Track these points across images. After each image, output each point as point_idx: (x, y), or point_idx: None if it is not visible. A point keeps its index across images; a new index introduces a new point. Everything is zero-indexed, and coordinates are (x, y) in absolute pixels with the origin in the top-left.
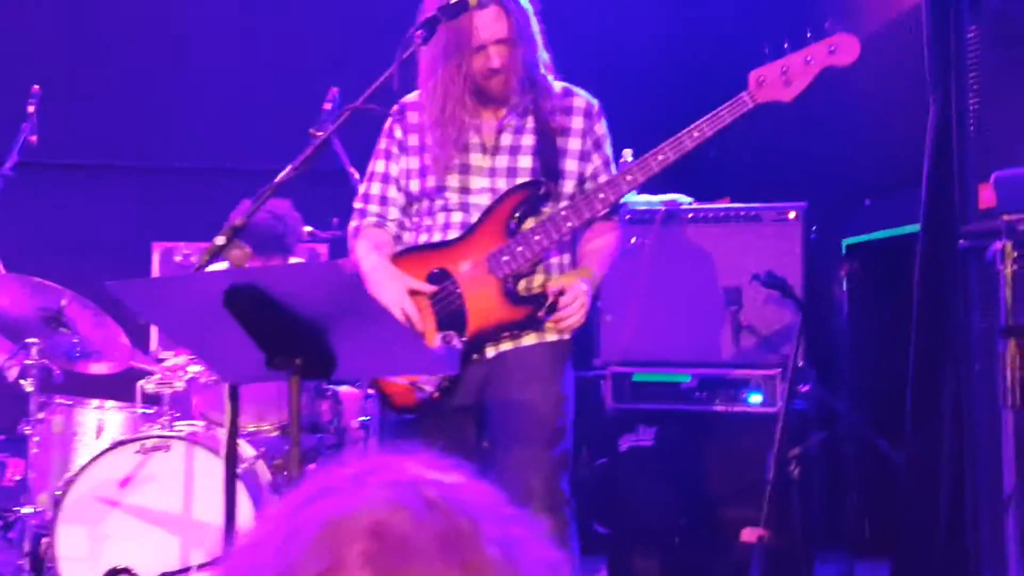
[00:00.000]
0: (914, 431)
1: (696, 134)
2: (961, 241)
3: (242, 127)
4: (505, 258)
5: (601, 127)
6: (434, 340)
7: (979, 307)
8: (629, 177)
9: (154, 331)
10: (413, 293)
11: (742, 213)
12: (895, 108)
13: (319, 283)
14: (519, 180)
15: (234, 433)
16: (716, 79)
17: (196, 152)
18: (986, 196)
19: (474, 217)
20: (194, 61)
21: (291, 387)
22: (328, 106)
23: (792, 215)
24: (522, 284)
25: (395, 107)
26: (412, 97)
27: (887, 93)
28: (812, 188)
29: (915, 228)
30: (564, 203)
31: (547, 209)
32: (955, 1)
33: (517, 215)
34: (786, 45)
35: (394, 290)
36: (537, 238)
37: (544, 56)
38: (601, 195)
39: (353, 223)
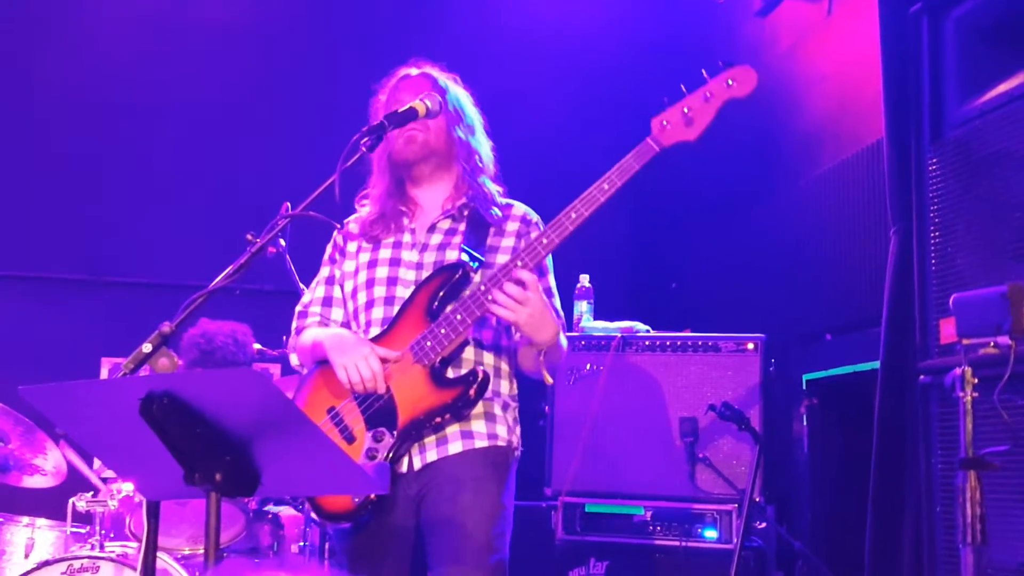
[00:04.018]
0: (874, 571)
1: (606, 186)
2: (922, 377)
3: (196, 243)
4: (428, 343)
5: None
6: (365, 440)
7: (940, 446)
8: (545, 240)
9: None
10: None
11: (700, 343)
12: (856, 243)
13: (243, 392)
14: None
15: (152, 554)
16: (619, 136)
17: (149, 267)
18: (947, 331)
19: (395, 311)
20: (151, 175)
21: (209, 504)
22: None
23: (751, 347)
24: (450, 370)
25: (345, 221)
26: (359, 213)
27: (848, 228)
28: (773, 322)
29: (876, 364)
30: None
31: (467, 293)
32: (916, 134)
33: (436, 301)
34: (683, 87)
35: (361, 352)
36: (459, 317)
37: (487, 158)
38: (519, 262)
39: (295, 324)
